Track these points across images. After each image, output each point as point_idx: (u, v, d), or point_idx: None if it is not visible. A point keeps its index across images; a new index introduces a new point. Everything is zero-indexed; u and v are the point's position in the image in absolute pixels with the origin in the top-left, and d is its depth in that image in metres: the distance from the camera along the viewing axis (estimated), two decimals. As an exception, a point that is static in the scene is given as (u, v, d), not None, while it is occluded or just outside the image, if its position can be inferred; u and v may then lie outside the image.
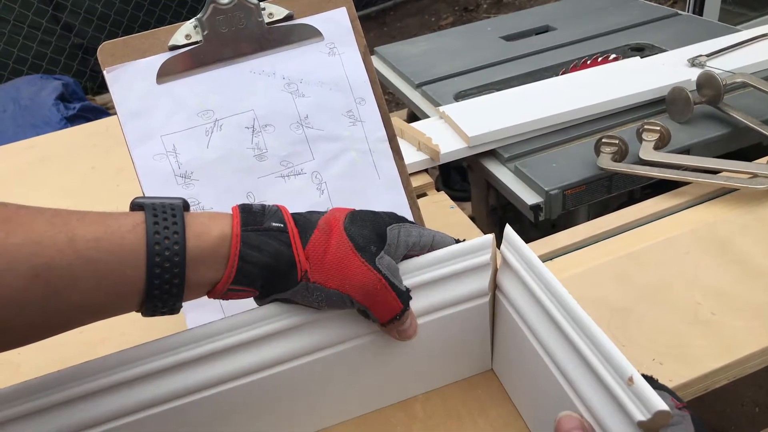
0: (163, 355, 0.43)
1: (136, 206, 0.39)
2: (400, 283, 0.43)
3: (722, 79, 0.81)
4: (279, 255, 0.40)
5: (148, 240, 0.36)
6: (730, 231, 0.64)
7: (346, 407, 0.51)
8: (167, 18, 3.17)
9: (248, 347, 0.44)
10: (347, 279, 0.41)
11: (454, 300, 0.47)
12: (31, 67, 2.89)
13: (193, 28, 0.56)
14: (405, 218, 0.46)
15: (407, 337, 0.46)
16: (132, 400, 0.42)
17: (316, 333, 0.45)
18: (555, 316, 0.41)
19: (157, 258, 0.36)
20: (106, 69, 0.55)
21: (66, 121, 2.09)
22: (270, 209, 0.42)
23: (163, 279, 0.37)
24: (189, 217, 0.39)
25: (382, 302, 0.42)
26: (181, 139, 0.56)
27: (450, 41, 1.28)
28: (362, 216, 0.43)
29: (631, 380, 0.33)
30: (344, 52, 0.59)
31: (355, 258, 0.41)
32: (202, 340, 0.43)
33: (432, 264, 0.46)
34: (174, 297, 0.38)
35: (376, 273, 0.41)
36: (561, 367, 0.40)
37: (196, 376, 0.43)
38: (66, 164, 1.05)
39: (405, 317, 0.44)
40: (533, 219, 0.77)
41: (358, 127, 0.60)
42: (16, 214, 0.34)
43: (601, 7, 1.32)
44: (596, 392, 0.36)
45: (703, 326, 0.54)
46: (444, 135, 0.88)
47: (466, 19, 3.47)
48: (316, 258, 0.41)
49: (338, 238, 0.41)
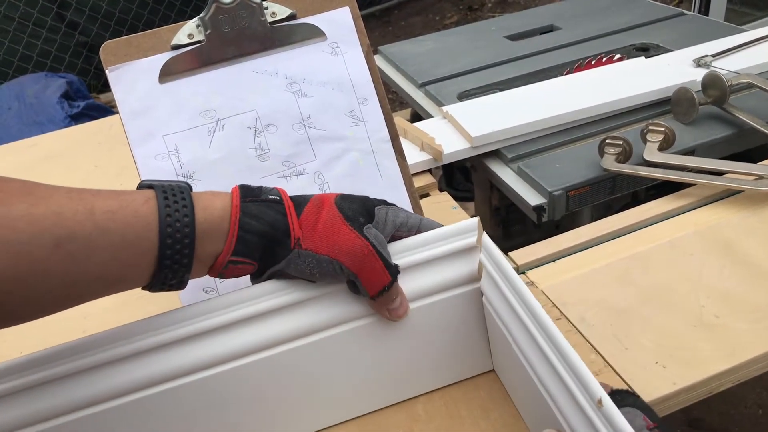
0: (159, 332, 0.44)
1: (145, 185, 0.41)
2: (388, 255, 0.45)
3: (728, 80, 0.80)
4: (275, 223, 0.43)
5: (160, 212, 0.39)
6: (734, 233, 0.64)
7: (346, 405, 0.51)
8: (171, 16, 3.17)
9: (244, 325, 0.45)
10: (336, 245, 0.43)
11: (444, 284, 0.48)
12: (35, 65, 2.90)
13: (196, 28, 0.56)
14: (395, 204, 0.48)
15: (398, 317, 0.47)
16: (123, 380, 0.43)
17: (312, 313, 0.46)
18: (532, 331, 0.41)
19: (169, 229, 0.39)
20: (109, 68, 0.55)
21: (70, 119, 2.09)
22: (267, 187, 0.45)
23: (175, 249, 0.39)
24: (195, 195, 0.42)
25: (370, 269, 0.44)
26: (183, 139, 0.56)
27: (454, 41, 1.27)
28: (352, 196, 0.46)
29: (600, 402, 0.34)
30: (347, 52, 0.59)
31: (344, 226, 0.43)
32: (198, 317, 0.44)
33: (418, 246, 0.47)
34: (183, 268, 0.40)
35: (364, 240, 0.43)
36: (542, 380, 0.40)
37: (190, 356, 0.44)
38: (70, 162, 1.05)
39: (394, 291, 0.45)
40: (536, 220, 0.77)
41: (360, 127, 0.60)
42: (36, 189, 0.36)
43: (606, 6, 1.31)
44: (573, 410, 0.37)
45: (708, 329, 0.54)
46: (447, 135, 0.88)
47: (471, 18, 3.47)
48: (308, 226, 0.43)
49: (329, 210, 0.44)
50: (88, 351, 0.42)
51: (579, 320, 0.56)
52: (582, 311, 0.57)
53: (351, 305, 0.47)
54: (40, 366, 0.42)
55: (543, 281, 0.62)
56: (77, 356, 0.42)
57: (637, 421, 0.36)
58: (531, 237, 1.00)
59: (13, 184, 0.36)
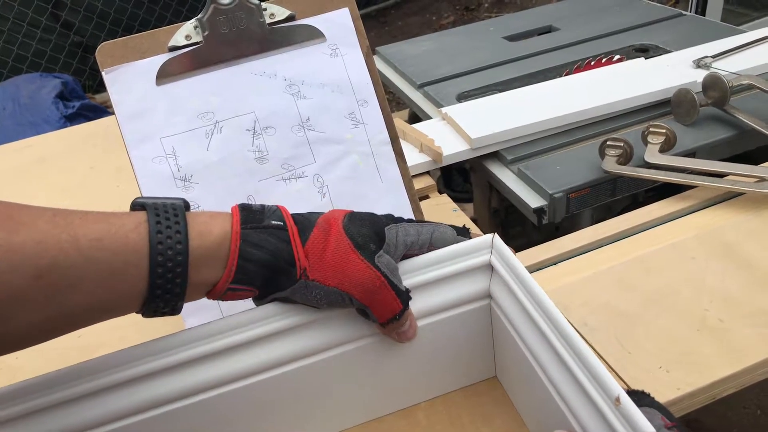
0: (161, 356, 0.42)
1: (138, 206, 0.39)
2: (399, 282, 0.43)
3: (728, 81, 0.80)
4: (278, 252, 0.40)
5: (150, 239, 0.36)
6: (736, 235, 0.64)
7: (347, 415, 0.50)
8: (167, 16, 3.16)
9: (246, 348, 0.44)
10: (346, 277, 0.41)
11: (454, 302, 0.47)
12: (30, 66, 2.88)
13: (194, 29, 0.55)
14: (403, 218, 0.46)
15: (406, 339, 0.46)
16: (129, 401, 0.42)
17: (316, 334, 0.45)
18: (545, 330, 0.40)
19: (160, 257, 0.36)
20: (105, 70, 0.54)
21: (65, 120, 2.08)
22: (269, 208, 0.42)
23: (166, 278, 0.37)
24: (190, 217, 0.39)
25: (381, 301, 0.42)
26: (181, 142, 0.55)
27: (452, 41, 1.27)
28: (361, 216, 0.43)
29: (618, 400, 0.33)
30: (347, 54, 0.59)
31: (354, 255, 0.41)
32: (200, 341, 0.43)
33: (430, 264, 0.46)
34: (176, 297, 0.38)
35: (375, 271, 0.41)
36: (554, 382, 0.39)
37: (193, 378, 0.43)
38: (65, 164, 1.04)
39: (404, 318, 0.44)
40: (537, 222, 0.77)
41: (360, 129, 0.59)
42: (18, 213, 0.34)
43: (605, 7, 1.31)
44: (587, 410, 0.36)
45: (711, 333, 0.53)
46: (446, 136, 0.87)
47: (468, 18, 3.47)
48: (315, 255, 0.41)
49: (337, 236, 0.41)
50: (86, 376, 0.41)
51: (581, 324, 0.56)
52: (584, 315, 0.57)
53: (356, 325, 0.45)
54: (40, 391, 0.41)
55: (544, 285, 0.60)
56: (75, 382, 0.41)
57: (656, 420, 0.35)
58: (530, 239, 0.99)
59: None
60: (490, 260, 0.46)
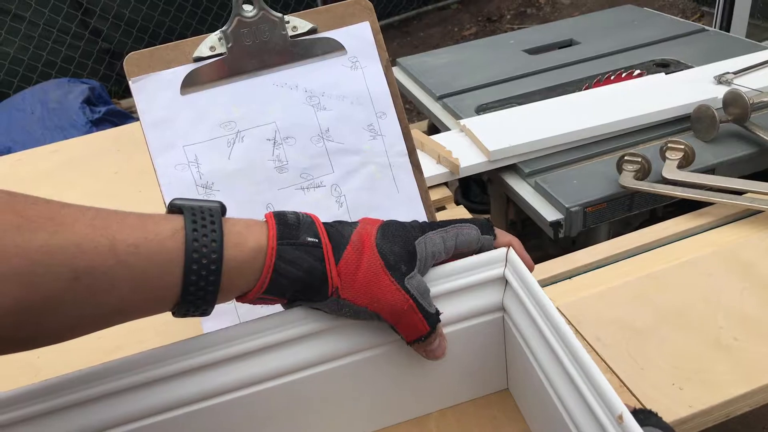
0: (179, 359, 0.43)
1: (175, 208, 0.39)
2: (429, 305, 0.43)
3: (749, 98, 0.79)
4: (312, 270, 0.41)
5: (186, 248, 0.37)
6: (754, 254, 0.63)
7: (359, 422, 0.50)
8: (193, 24, 3.22)
9: (263, 353, 0.45)
10: (376, 298, 0.41)
11: (468, 314, 0.47)
12: (59, 71, 2.95)
13: (218, 40, 0.57)
14: (428, 225, 0.46)
15: (434, 357, 0.46)
16: (147, 403, 0.43)
17: (331, 341, 0.46)
18: (553, 345, 0.40)
19: (195, 266, 0.37)
20: (132, 79, 0.55)
21: (92, 125, 2.12)
22: (304, 221, 0.42)
23: (199, 286, 0.37)
24: (227, 225, 0.39)
25: (408, 323, 0.43)
26: (203, 150, 0.56)
27: (472, 54, 1.28)
28: (393, 231, 0.43)
29: (621, 418, 0.33)
30: (366, 66, 0.60)
31: (385, 277, 0.41)
32: (218, 345, 0.44)
33: (445, 276, 0.47)
34: (207, 302, 0.39)
35: (405, 294, 0.41)
36: (561, 396, 0.40)
37: (210, 382, 0.44)
38: (90, 168, 1.06)
39: (431, 338, 0.44)
40: (553, 235, 0.77)
41: (378, 140, 0.60)
42: (59, 214, 0.34)
43: (626, 21, 1.31)
44: (591, 426, 0.36)
45: (726, 351, 0.53)
46: (464, 148, 0.88)
47: (489, 29, 3.47)
48: (347, 276, 0.41)
49: (370, 256, 0.41)
50: (106, 377, 0.42)
51: (594, 339, 0.56)
52: (597, 330, 0.57)
53: (371, 334, 0.46)
54: (60, 391, 0.42)
55: (558, 298, 0.62)
56: (95, 383, 0.42)
57: None
58: (547, 252, 0.99)
59: (38, 208, 0.34)
60: (504, 273, 0.47)
